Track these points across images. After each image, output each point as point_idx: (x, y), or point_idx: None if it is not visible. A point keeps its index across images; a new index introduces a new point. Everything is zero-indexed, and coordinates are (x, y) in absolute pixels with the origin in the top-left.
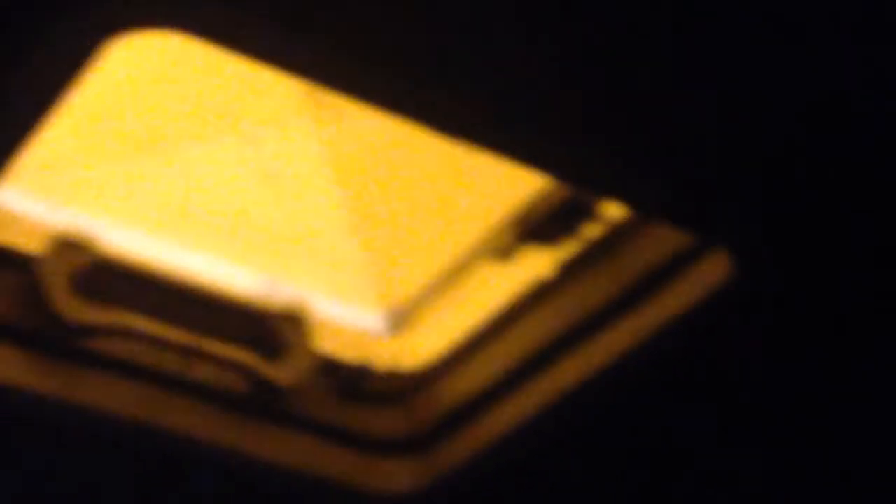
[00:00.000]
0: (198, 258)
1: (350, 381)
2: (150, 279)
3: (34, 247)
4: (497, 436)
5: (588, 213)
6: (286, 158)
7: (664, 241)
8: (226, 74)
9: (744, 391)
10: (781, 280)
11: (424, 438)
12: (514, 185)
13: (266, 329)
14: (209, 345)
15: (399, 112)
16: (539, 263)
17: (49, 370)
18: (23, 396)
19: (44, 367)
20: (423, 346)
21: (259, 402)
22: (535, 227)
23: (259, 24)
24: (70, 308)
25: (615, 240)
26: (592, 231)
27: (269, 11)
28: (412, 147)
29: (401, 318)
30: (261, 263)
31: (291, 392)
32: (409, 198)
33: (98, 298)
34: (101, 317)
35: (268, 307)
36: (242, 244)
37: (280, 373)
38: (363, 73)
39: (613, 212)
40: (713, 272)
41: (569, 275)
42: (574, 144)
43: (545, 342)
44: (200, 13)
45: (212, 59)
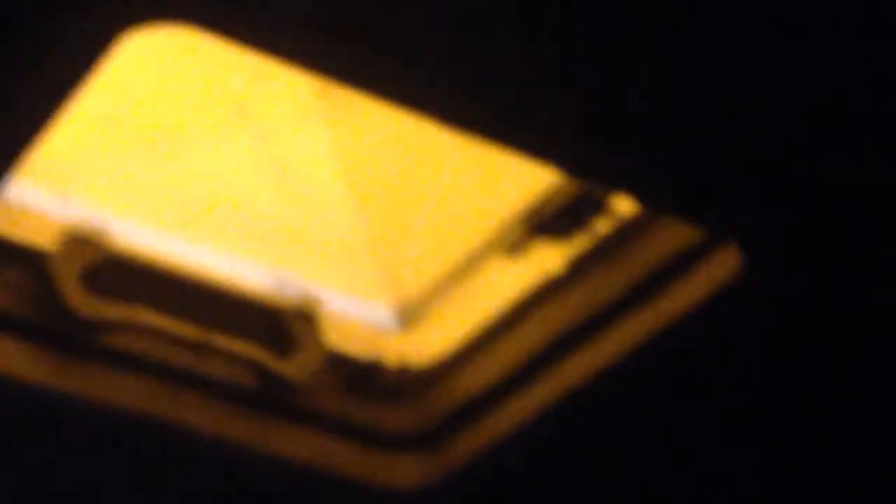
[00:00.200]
0: (209, 253)
1: (360, 377)
2: (161, 274)
3: (46, 242)
4: (507, 431)
5: (598, 209)
6: (298, 154)
7: (674, 237)
8: (237, 70)
9: (753, 386)
10: (790, 275)
11: (434, 434)
12: (524, 181)
13: (277, 325)
14: (220, 340)
15: (410, 107)
16: (549, 259)
17: (60, 365)
18: (34, 391)
19: (55, 363)
20: (434, 342)
21: (269, 398)
22: (546, 223)
23: (270, 19)
24: (81, 303)
25: (625, 235)
26: (602, 226)
27: (281, 6)
28: (423, 143)
29: (411, 314)
30: (272, 259)
31: (301, 387)
32: (420, 194)
33: (109, 294)
34: (113, 312)
35: (278, 303)
36: (253, 239)
37: (290, 368)
38: (375, 69)
39: (623, 207)
40: (722, 267)
41: (579, 270)
42: (584, 140)
43: (555, 337)
44: (212, 8)
45: (224, 55)
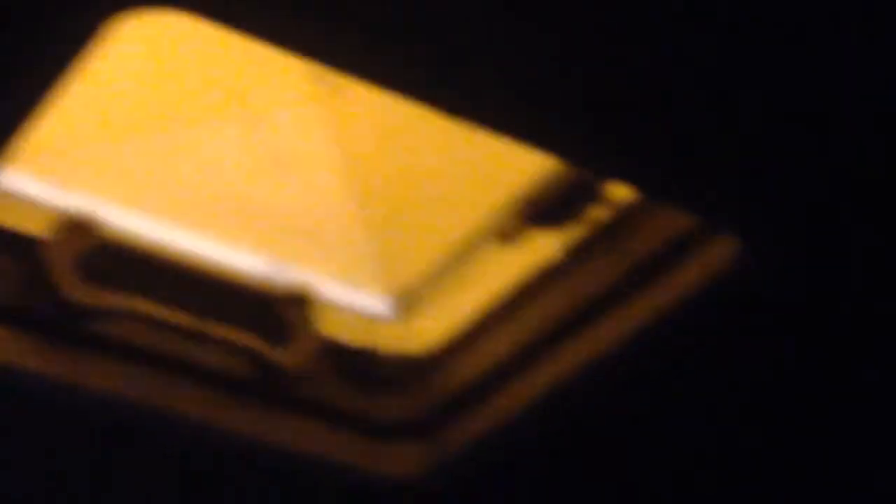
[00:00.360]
0: (203, 241)
1: (355, 365)
2: (155, 262)
3: (39, 230)
4: (502, 419)
5: (594, 197)
6: (292, 141)
7: (670, 225)
8: (232, 56)
9: (748, 373)
10: (786, 263)
11: (429, 422)
12: (521, 169)
13: (271, 313)
14: (214, 328)
15: (405, 94)
16: (545, 246)
17: (55, 353)
18: (28, 379)
19: (49, 351)
20: (429, 330)
21: (264, 386)
22: (542, 211)
23: (265, 4)
24: (75, 291)
25: (621, 223)
26: (598, 214)
27: None
28: (418, 130)
29: (406, 302)
30: (266, 246)
31: (296, 376)
32: (416, 181)
33: (103, 281)
34: (107, 300)
35: (273, 291)
36: (248, 227)
37: (285, 356)
38: (370, 55)
39: (619, 195)
40: (718, 256)
41: (575, 258)
42: (581, 127)
43: (551, 326)
44: None
45: (218, 41)
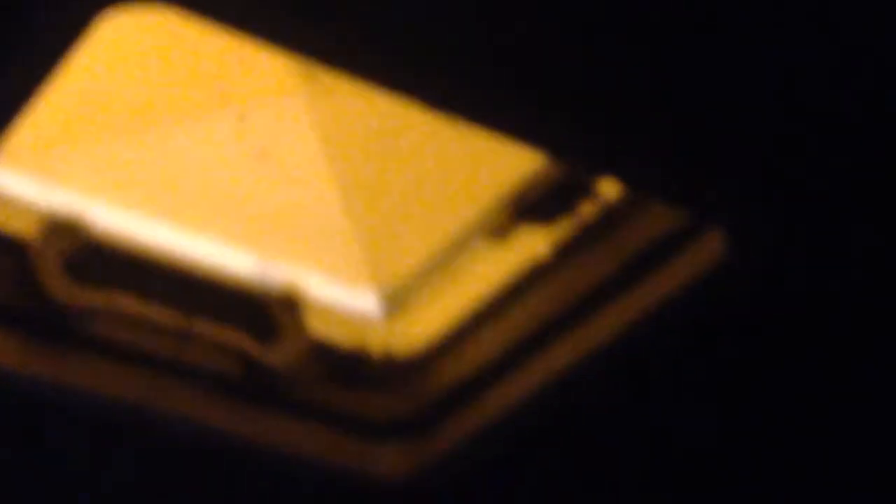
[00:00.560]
0: (191, 240)
1: (344, 365)
2: (143, 261)
3: (26, 229)
4: (493, 418)
5: (583, 193)
6: (279, 137)
7: (659, 221)
8: (217, 52)
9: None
10: (775, 259)
11: (420, 421)
12: (509, 165)
13: (260, 312)
14: (202, 327)
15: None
16: (534, 243)
17: (42, 353)
18: (15, 379)
19: (37, 351)
20: (418, 329)
21: (253, 386)
22: (530, 207)
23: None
24: (62, 291)
25: (610, 219)
26: (587, 210)
27: None
28: (406, 126)
29: (395, 301)
30: (254, 244)
31: (285, 375)
32: (403, 178)
33: (91, 281)
34: (94, 299)
35: (262, 290)
36: (235, 225)
37: (274, 356)
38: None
39: (609, 191)
40: (708, 252)
41: (564, 255)
42: (569, 122)
43: (541, 323)
44: None
45: (203, 37)
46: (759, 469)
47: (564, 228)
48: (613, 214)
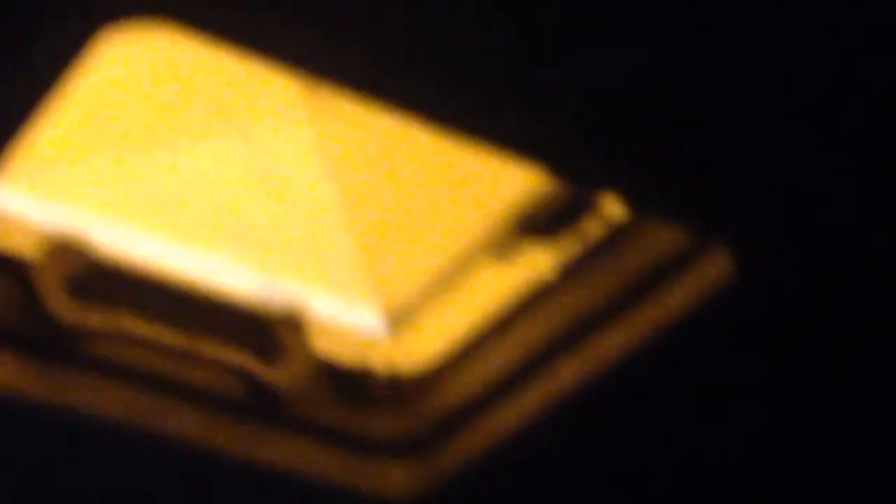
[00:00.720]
0: (194, 259)
1: (349, 384)
2: (146, 281)
3: (28, 249)
4: (498, 437)
5: (588, 212)
6: (282, 156)
7: (664, 240)
8: (223, 72)
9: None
10: (782, 277)
11: (424, 440)
12: (513, 184)
13: (264, 332)
14: (206, 347)
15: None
16: (539, 262)
17: (44, 374)
18: (17, 400)
19: (39, 371)
20: (422, 348)
21: (257, 406)
22: (535, 226)
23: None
24: (65, 311)
25: (615, 238)
26: (592, 229)
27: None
28: (410, 145)
29: (399, 319)
30: (257, 263)
31: (289, 395)
32: (407, 197)
33: (93, 301)
34: (97, 319)
35: (265, 309)
36: (238, 244)
37: (278, 376)
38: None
39: (613, 210)
40: (714, 270)
41: (569, 274)
42: (573, 140)
43: (546, 342)
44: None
45: (207, 55)
46: (766, 487)
47: (569, 247)
48: (618, 234)
